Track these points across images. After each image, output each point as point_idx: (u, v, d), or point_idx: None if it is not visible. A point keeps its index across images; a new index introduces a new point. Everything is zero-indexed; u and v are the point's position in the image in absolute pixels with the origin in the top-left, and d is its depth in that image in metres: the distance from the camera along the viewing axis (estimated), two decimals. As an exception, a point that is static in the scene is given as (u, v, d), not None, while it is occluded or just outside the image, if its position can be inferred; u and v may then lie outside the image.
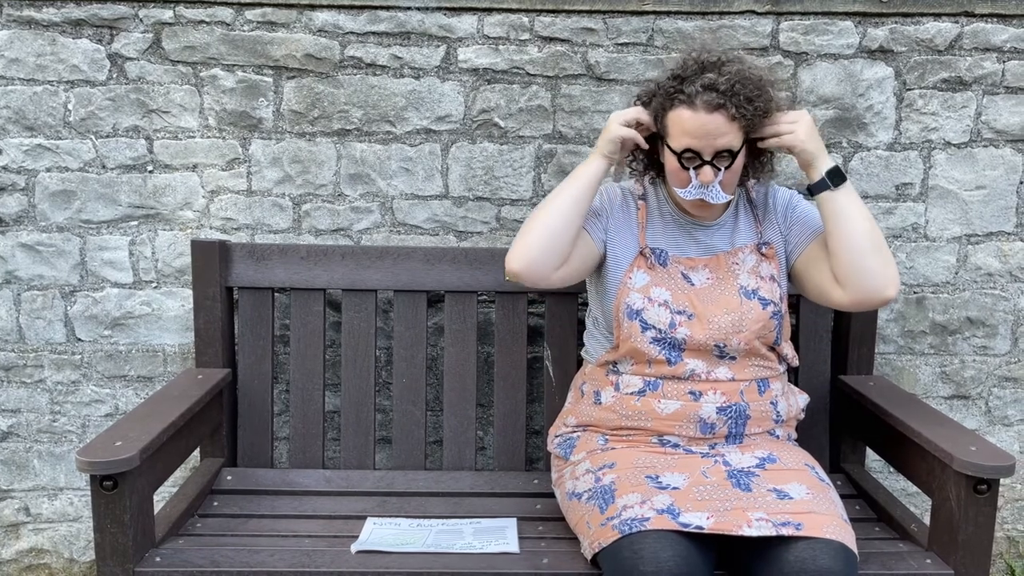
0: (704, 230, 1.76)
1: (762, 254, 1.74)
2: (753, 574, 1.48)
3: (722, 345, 1.66)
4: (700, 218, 1.75)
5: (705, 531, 1.46)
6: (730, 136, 1.59)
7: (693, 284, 1.70)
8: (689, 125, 1.59)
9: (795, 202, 1.79)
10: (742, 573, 1.52)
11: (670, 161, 1.65)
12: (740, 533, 1.45)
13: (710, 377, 1.67)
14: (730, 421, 1.67)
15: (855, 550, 1.47)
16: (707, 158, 1.60)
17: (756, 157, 1.73)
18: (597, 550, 1.52)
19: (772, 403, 1.71)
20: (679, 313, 1.67)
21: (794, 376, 2.08)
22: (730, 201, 1.77)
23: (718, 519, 1.47)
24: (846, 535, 1.47)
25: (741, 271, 1.71)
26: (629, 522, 1.47)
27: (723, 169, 1.61)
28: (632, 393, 1.70)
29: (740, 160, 1.64)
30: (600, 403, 1.74)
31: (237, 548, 1.67)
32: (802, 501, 1.52)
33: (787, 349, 1.76)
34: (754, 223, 1.77)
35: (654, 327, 1.67)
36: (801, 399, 1.82)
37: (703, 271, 1.72)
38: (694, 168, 1.62)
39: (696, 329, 1.66)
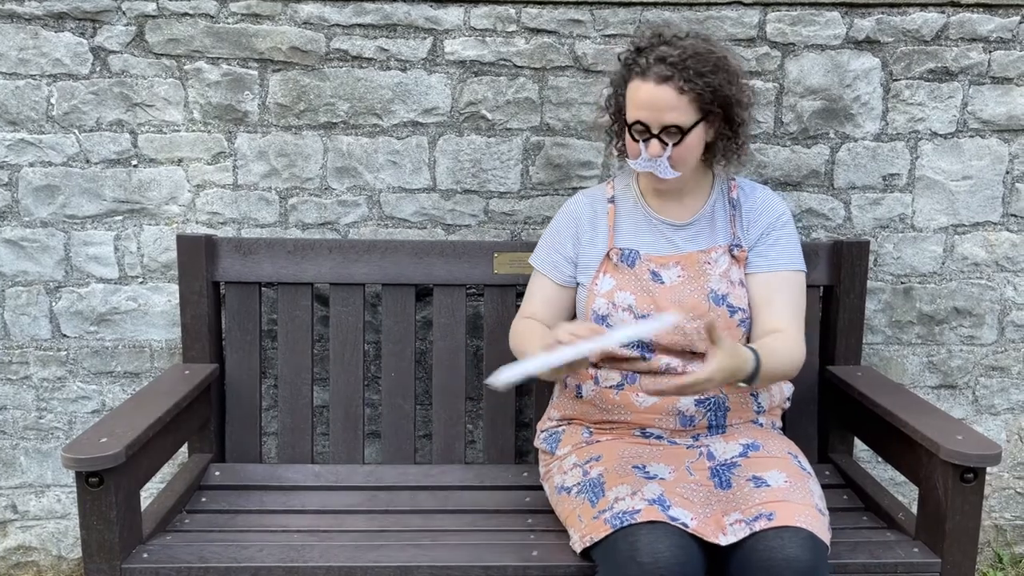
0: (678, 231, 1.75)
1: (733, 256, 1.73)
2: (728, 564, 1.48)
3: (691, 350, 1.67)
4: (664, 194, 1.73)
5: (689, 530, 1.46)
6: (679, 112, 1.59)
7: (663, 282, 1.69)
8: (639, 96, 1.61)
9: (780, 227, 1.75)
10: (720, 562, 1.52)
11: (626, 133, 1.67)
12: (716, 542, 1.46)
13: (687, 370, 1.67)
14: (709, 413, 1.67)
15: (825, 540, 1.47)
16: (655, 131, 1.61)
17: (725, 139, 1.69)
18: (589, 544, 1.52)
19: (752, 394, 1.71)
20: (643, 318, 1.66)
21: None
22: (709, 194, 1.77)
23: (700, 523, 1.48)
24: (817, 524, 1.47)
25: (713, 272, 1.70)
26: (621, 515, 1.47)
27: (671, 144, 1.61)
28: (611, 387, 1.70)
29: (693, 138, 1.62)
30: (581, 396, 1.74)
31: (225, 544, 1.67)
32: (778, 489, 1.52)
33: None
34: (729, 224, 1.76)
35: None
36: (786, 388, 1.82)
37: (674, 268, 1.71)
38: (643, 141, 1.63)
39: (662, 335, 1.66)
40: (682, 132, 1.61)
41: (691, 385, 1.45)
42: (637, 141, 1.63)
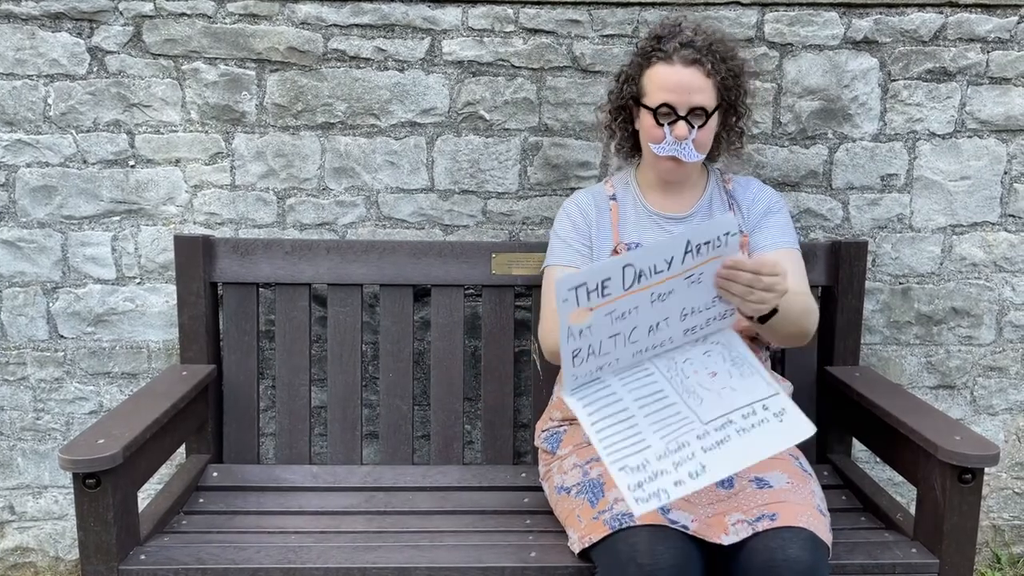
0: (678, 223, 1.76)
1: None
2: (729, 565, 1.48)
3: None
4: (665, 188, 1.75)
5: (690, 532, 1.46)
6: (705, 94, 1.64)
7: None
8: (666, 80, 1.63)
9: (777, 211, 1.79)
10: (721, 563, 1.52)
11: (646, 119, 1.67)
12: (719, 542, 1.46)
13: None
14: None
15: (827, 541, 1.47)
16: (682, 113, 1.63)
17: (728, 131, 1.75)
18: (588, 544, 1.52)
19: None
20: None
21: (780, 366, 2.08)
22: (705, 188, 1.78)
23: (700, 524, 1.48)
24: (818, 525, 1.47)
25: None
26: (620, 517, 1.47)
27: (696, 127, 1.63)
28: None
29: (713, 122, 1.67)
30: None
31: (223, 545, 1.67)
32: (780, 490, 1.53)
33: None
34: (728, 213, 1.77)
35: None
36: (785, 387, 1.82)
37: None
38: (669, 123, 1.64)
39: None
40: (706, 114, 1.64)
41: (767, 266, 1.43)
42: (661, 125, 1.65)
